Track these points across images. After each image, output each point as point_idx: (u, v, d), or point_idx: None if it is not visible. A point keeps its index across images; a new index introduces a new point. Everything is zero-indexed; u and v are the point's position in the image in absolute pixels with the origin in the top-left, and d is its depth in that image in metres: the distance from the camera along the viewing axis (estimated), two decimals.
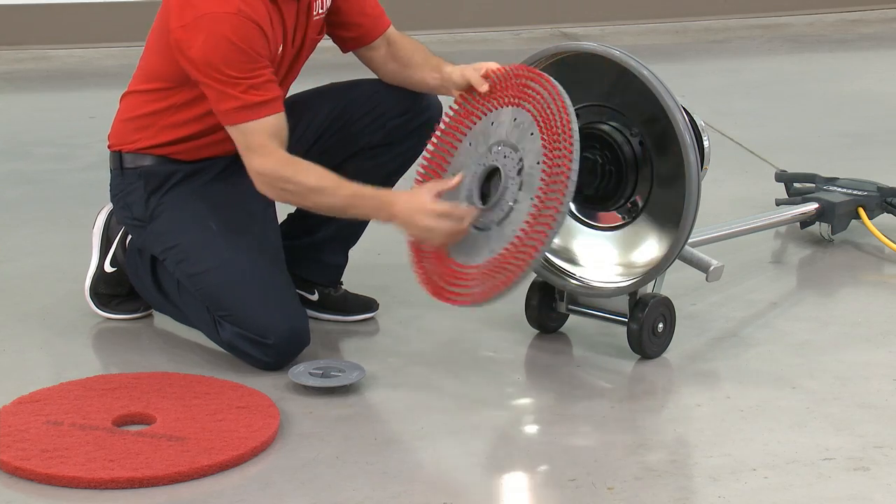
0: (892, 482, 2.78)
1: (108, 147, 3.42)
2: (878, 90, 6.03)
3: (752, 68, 6.48)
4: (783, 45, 6.95)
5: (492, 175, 3.13)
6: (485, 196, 3.13)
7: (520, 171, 3.06)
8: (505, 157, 3.10)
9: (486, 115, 3.20)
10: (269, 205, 3.36)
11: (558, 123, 3.01)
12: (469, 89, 3.27)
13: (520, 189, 3.06)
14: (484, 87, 3.23)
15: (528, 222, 3.00)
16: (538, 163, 3.03)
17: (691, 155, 3.16)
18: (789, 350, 3.42)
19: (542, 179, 2.99)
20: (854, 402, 3.13)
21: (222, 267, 3.24)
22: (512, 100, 3.15)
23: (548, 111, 3.05)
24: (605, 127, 3.28)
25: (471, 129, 3.21)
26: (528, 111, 3.10)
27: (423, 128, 3.48)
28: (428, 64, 3.41)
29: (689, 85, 5.93)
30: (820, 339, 3.49)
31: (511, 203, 3.06)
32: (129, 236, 3.51)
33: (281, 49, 3.23)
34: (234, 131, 3.15)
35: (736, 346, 3.45)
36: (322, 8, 3.31)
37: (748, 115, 5.62)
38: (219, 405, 3.04)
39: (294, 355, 3.25)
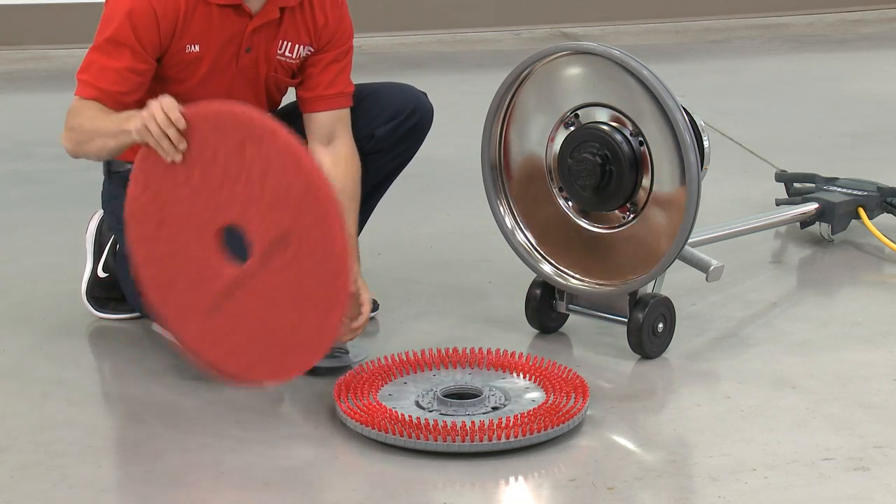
0: (892, 482, 2.78)
1: None
2: (878, 90, 6.03)
3: (752, 68, 6.49)
4: (783, 45, 6.96)
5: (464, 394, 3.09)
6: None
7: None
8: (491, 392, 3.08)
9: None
10: None
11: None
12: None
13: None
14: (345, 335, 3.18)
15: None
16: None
17: (691, 155, 3.16)
18: (789, 350, 3.42)
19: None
20: (854, 402, 3.13)
21: None
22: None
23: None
24: (605, 127, 3.28)
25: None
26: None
27: (414, 131, 3.46)
28: None
29: (689, 85, 5.93)
30: (820, 339, 3.49)
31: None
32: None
33: (198, 49, 3.17)
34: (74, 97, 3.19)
35: (736, 346, 3.45)
36: (291, 52, 3.25)
37: (748, 115, 5.62)
38: None
39: None
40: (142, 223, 3.03)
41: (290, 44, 3.24)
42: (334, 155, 3.31)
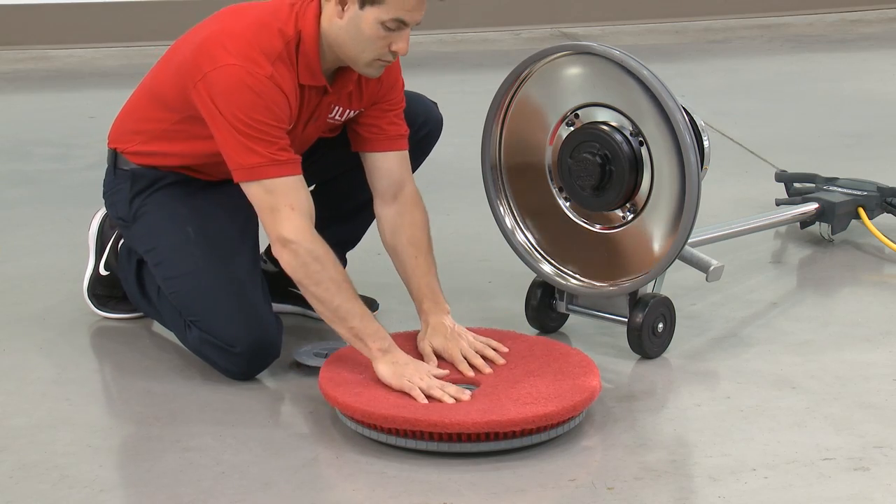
0: (892, 482, 2.78)
1: (108, 142, 3.41)
2: (878, 90, 6.04)
3: (752, 68, 6.49)
4: (783, 45, 6.96)
5: None
6: None
7: None
8: None
9: None
10: (251, 217, 3.27)
11: None
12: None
13: None
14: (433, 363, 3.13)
15: None
16: None
17: (691, 155, 3.16)
18: (789, 350, 3.42)
19: None
20: (854, 402, 3.13)
21: (196, 273, 3.22)
22: None
23: None
24: (605, 127, 3.28)
25: None
26: None
27: (423, 142, 3.47)
28: (424, 282, 3.27)
29: (689, 85, 5.94)
30: (820, 339, 3.49)
31: None
32: (122, 240, 3.52)
33: (291, 126, 3.17)
34: (256, 188, 3.04)
35: (736, 346, 3.45)
36: (340, 116, 3.26)
37: (748, 115, 5.62)
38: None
39: (262, 367, 3.23)
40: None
41: (341, 109, 3.25)
42: (399, 207, 3.30)
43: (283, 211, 3.04)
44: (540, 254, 3.46)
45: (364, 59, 3.08)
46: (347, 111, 3.26)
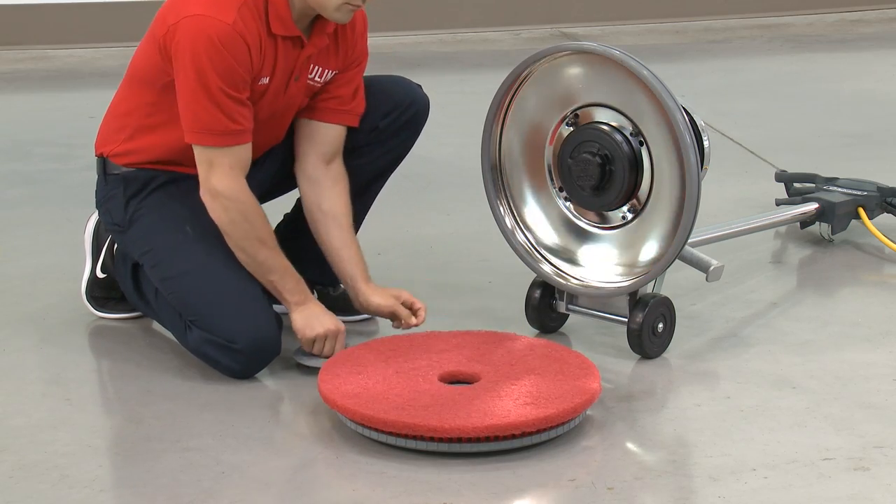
0: (892, 482, 2.78)
1: (95, 150, 3.41)
2: (878, 90, 6.04)
3: (752, 68, 6.49)
4: (783, 45, 6.96)
5: None
6: None
7: None
8: None
9: None
10: None
11: None
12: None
13: None
14: (417, 320, 3.27)
15: None
16: None
17: (691, 155, 3.16)
18: (789, 350, 3.41)
19: None
20: (854, 402, 3.13)
21: (194, 272, 3.22)
22: None
23: None
24: (605, 127, 3.28)
25: None
26: None
27: (411, 122, 3.47)
28: (358, 252, 3.37)
29: (689, 85, 5.94)
30: (820, 339, 3.49)
31: None
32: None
33: (268, 81, 3.19)
34: (200, 149, 3.15)
35: (736, 346, 3.45)
36: (319, 77, 3.29)
37: (748, 115, 5.62)
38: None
39: (263, 363, 3.23)
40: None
41: (320, 69, 3.28)
42: (334, 174, 3.36)
43: (222, 167, 3.15)
44: (540, 254, 3.46)
45: (334, 2, 3.12)
46: (325, 71, 3.29)
